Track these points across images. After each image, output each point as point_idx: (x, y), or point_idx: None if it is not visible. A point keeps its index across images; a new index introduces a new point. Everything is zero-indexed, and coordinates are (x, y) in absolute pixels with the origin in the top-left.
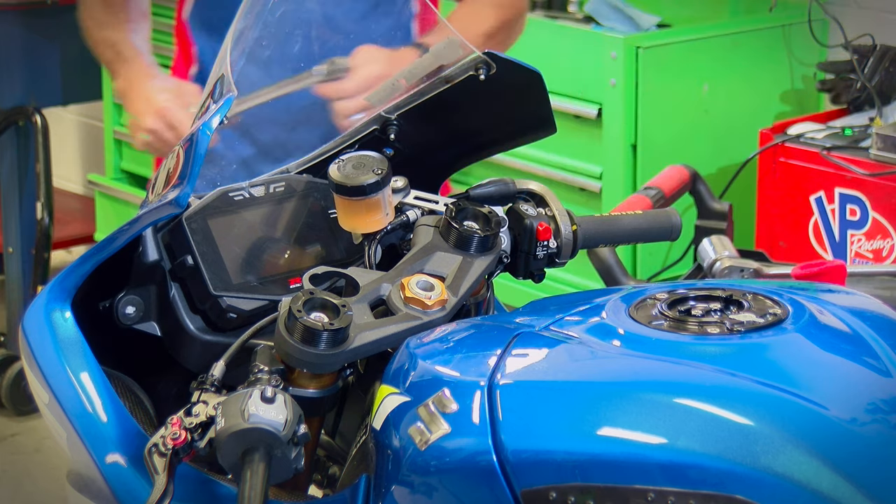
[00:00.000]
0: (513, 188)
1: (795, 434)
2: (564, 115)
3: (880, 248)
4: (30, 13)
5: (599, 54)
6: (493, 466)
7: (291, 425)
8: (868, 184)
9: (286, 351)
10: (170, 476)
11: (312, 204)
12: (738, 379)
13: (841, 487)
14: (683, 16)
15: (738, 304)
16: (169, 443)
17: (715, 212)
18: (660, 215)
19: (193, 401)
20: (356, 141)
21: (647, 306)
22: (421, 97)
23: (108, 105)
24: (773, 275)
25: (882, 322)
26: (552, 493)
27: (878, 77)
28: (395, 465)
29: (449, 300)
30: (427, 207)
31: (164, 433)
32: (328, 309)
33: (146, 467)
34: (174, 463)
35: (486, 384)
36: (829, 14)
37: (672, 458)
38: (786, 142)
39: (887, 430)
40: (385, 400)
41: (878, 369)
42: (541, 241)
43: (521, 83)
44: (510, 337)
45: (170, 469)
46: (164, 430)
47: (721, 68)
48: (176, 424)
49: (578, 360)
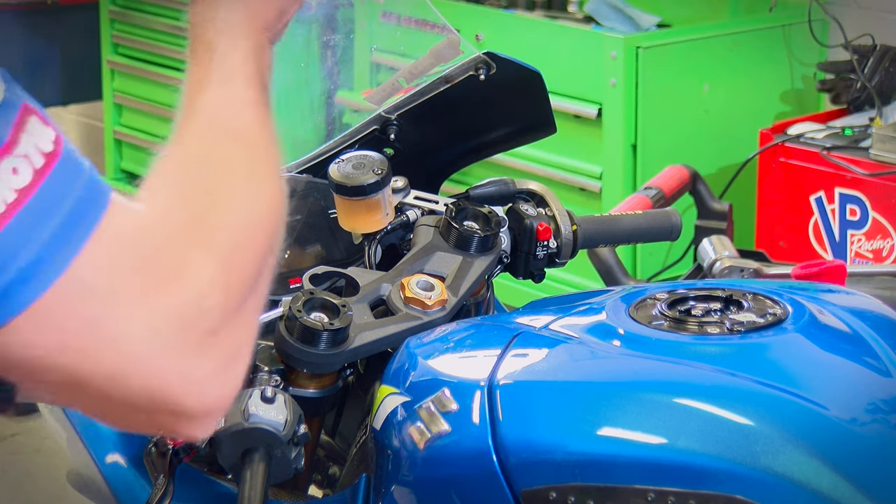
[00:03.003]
0: (513, 188)
1: (795, 434)
2: (564, 115)
3: (880, 248)
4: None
5: (599, 54)
6: (493, 466)
7: (291, 425)
8: (868, 184)
9: (286, 351)
10: (170, 476)
11: (312, 204)
12: (738, 379)
13: (841, 487)
14: (683, 16)
15: (738, 304)
16: (168, 442)
17: (715, 212)
18: (660, 215)
19: None
20: (356, 141)
21: (647, 306)
22: (421, 97)
23: (108, 105)
24: (773, 275)
25: (882, 322)
26: (552, 492)
27: (878, 77)
28: (395, 464)
29: (449, 300)
30: (427, 207)
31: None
32: (328, 309)
33: (146, 467)
34: (174, 463)
35: (486, 384)
36: (829, 14)
37: (672, 458)
38: (786, 142)
39: (887, 429)
40: (385, 400)
41: (878, 369)
42: (541, 241)
43: (522, 83)
44: (510, 337)
45: (170, 469)
46: None
47: (721, 68)
48: None
49: (578, 360)
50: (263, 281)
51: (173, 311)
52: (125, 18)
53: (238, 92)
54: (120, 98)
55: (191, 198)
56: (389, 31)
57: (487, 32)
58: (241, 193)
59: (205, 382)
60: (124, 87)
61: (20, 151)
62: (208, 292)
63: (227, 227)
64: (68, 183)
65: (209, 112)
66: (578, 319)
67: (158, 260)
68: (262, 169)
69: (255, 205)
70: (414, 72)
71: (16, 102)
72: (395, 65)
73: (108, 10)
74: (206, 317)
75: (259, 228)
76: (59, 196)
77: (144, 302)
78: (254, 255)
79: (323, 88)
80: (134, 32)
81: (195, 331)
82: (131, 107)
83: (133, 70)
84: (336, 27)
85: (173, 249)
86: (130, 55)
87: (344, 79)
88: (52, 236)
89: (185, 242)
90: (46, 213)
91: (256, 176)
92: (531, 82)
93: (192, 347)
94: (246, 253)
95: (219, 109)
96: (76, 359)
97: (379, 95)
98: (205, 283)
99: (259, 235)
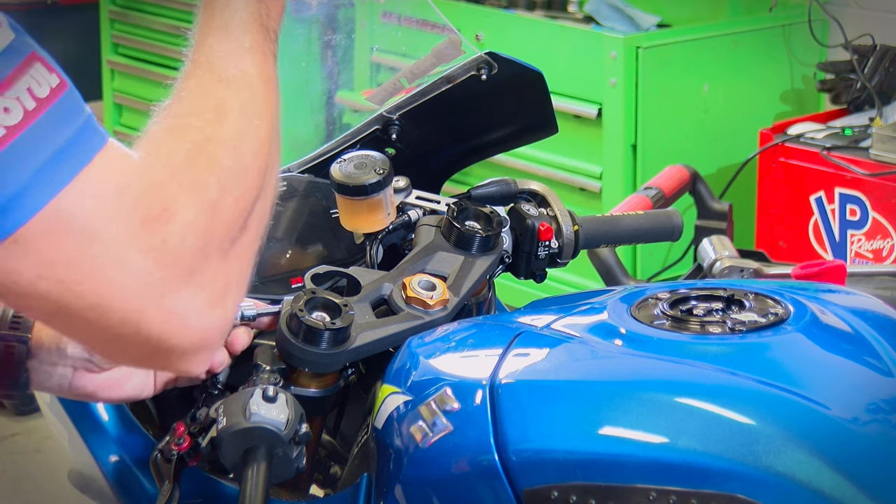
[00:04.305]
0: (514, 188)
1: (797, 433)
2: (564, 115)
3: (880, 248)
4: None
5: (599, 54)
6: (495, 465)
7: (293, 424)
8: (868, 184)
9: (288, 350)
10: (176, 482)
11: (314, 203)
12: (740, 378)
13: (842, 487)
14: (683, 16)
15: (739, 304)
16: (174, 449)
17: (715, 212)
18: (661, 216)
19: (198, 405)
20: (358, 141)
21: (648, 306)
22: (422, 97)
23: (109, 105)
24: (773, 275)
25: (883, 322)
26: (554, 492)
27: (878, 77)
28: (397, 464)
29: (450, 300)
30: (429, 207)
31: (169, 439)
32: (330, 308)
33: (152, 474)
34: (179, 468)
35: (488, 383)
36: (829, 14)
37: (674, 457)
38: (786, 142)
39: (888, 429)
40: (387, 399)
41: (879, 369)
42: (542, 241)
43: (523, 83)
44: (512, 336)
45: (175, 475)
46: (169, 437)
47: (721, 68)
48: (180, 430)
49: (580, 360)
50: (255, 221)
51: (153, 251)
52: (125, 18)
53: (234, 39)
54: (120, 98)
55: (180, 145)
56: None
57: (487, 32)
58: (230, 139)
59: (188, 318)
60: (124, 87)
61: (12, 94)
62: (189, 234)
63: (214, 171)
64: (61, 125)
65: (204, 62)
66: (580, 319)
67: (142, 201)
68: (253, 112)
69: (243, 150)
70: (415, 72)
71: (22, 49)
72: (396, 65)
73: (108, 10)
74: (187, 257)
75: (247, 172)
76: (49, 135)
77: (124, 240)
78: (242, 198)
79: (323, 88)
80: (134, 32)
81: (175, 269)
82: (131, 107)
83: (133, 70)
84: (337, 27)
85: (158, 193)
86: (130, 55)
87: (344, 79)
88: (39, 170)
89: (170, 186)
90: (34, 150)
91: (247, 119)
92: (533, 82)
93: (172, 284)
94: (233, 195)
95: (213, 58)
96: (57, 288)
97: (380, 95)
98: (186, 225)
99: (247, 178)
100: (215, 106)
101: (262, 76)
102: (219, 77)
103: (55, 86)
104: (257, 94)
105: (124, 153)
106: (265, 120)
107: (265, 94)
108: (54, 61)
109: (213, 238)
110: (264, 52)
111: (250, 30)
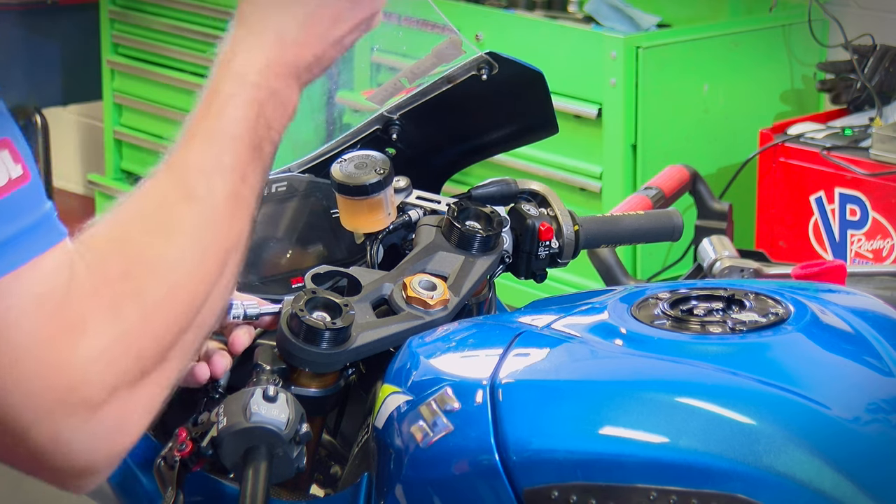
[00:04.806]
0: (515, 188)
1: (797, 433)
2: (564, 115)
3: (880, 248)
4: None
5: (599, 54)
6: (496, 465)
7: (293, 424)
8: (868, 184)
9: (288, 350)
10: (179, 488)
11: (314, 203)
12: (741, 378)
13: (842, 486)
14: (683, 16)
15: (740, 304)
16: (176, 455)
17: (715, 212)
18: (661, 216)
19: (199, 410)
20: (358, 140)
21: (649, 306)
22: (423, 97)
23: (108, 105)
24: (773, 275)
25: (884, 322)
26: (554, 491)
27: (878, 77)
28: (397, 464)
29: (451, 300)
30: (429, 207)
31: (171, 445)
32: (330, 308)
33: (156, 481)
34: (183, 474)
35: (489, 383)
36: (829, 14)
37: (674, 457)
38: (786, 142)
39: (889, 429)
40: (387, 399)
41: (879, 369)
42: (543, 241)
43: (524, 83)
44: (512, 336)
45: (179, 480)
46: (171, 442)
47: (721, 68)
48: (182, 435)
49: (580, 360)
50: (178, 354)
51: (52, 368)
52: (125, 18)
53: (214, 155)
54: (120, 98)
55: (115, 259)
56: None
57: (487, 32)
58: (169, 263)
59: (73, 444)
60: (124, 87)
61: None
62: (95, 361)
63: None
64: (6, 220)
65: (175, 169)
66: (580, 319)
67: (58, 316)
68: (208, 236)
69: (179, 278)
70: (416, 72)
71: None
72: (396, 65)
73: (108, 10)
74: (87, 387)
75: (179, 302)
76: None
77: (26, 350)
78: (166, 331)
79: (323, 88)
80: (134, 32)
81: (71, 394)
82: (131, 107)
83: (133, 70)
84: None
85: (75, 310)
86: (130, 55)
87: (344, 79)
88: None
89: (90, 307)
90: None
91: (197, 244)
92: (533, 82)
93: (64, 408)
94: (156, 328)
95: (186, 170)
96: None
97: (381, 95)
98: (96, 351)
99: (176, 309)
100: (167, 222)
101: (231, 197)
102: (184, 193)
103: (15, 177)
104: (220, 217)
105: (63, 262)
106: (219, 245)
107: (229, 219)
108: (28, 150)
109: (120, 369)
110: (245, 172)
111: (236, 149)
